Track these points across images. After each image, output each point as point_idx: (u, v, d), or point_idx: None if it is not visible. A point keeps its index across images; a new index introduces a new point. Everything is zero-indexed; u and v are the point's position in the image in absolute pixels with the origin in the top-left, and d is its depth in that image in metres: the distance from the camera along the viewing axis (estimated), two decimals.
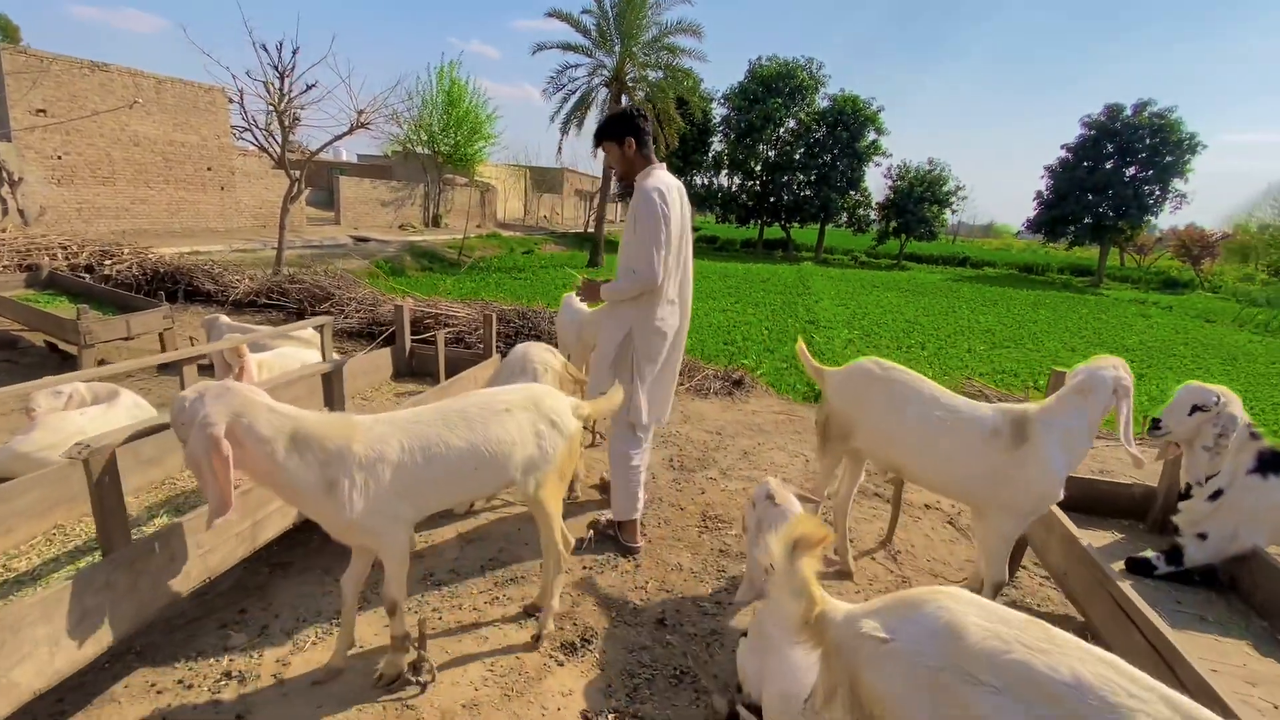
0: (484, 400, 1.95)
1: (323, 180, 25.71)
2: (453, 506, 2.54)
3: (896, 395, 2.32)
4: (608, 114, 2.74)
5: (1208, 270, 32.22)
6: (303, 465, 1.65)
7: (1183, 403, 2.39)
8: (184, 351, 2.68)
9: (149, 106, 15.36)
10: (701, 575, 2.54)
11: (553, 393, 2.12)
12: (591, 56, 18.96)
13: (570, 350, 3.96)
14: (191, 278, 6.52)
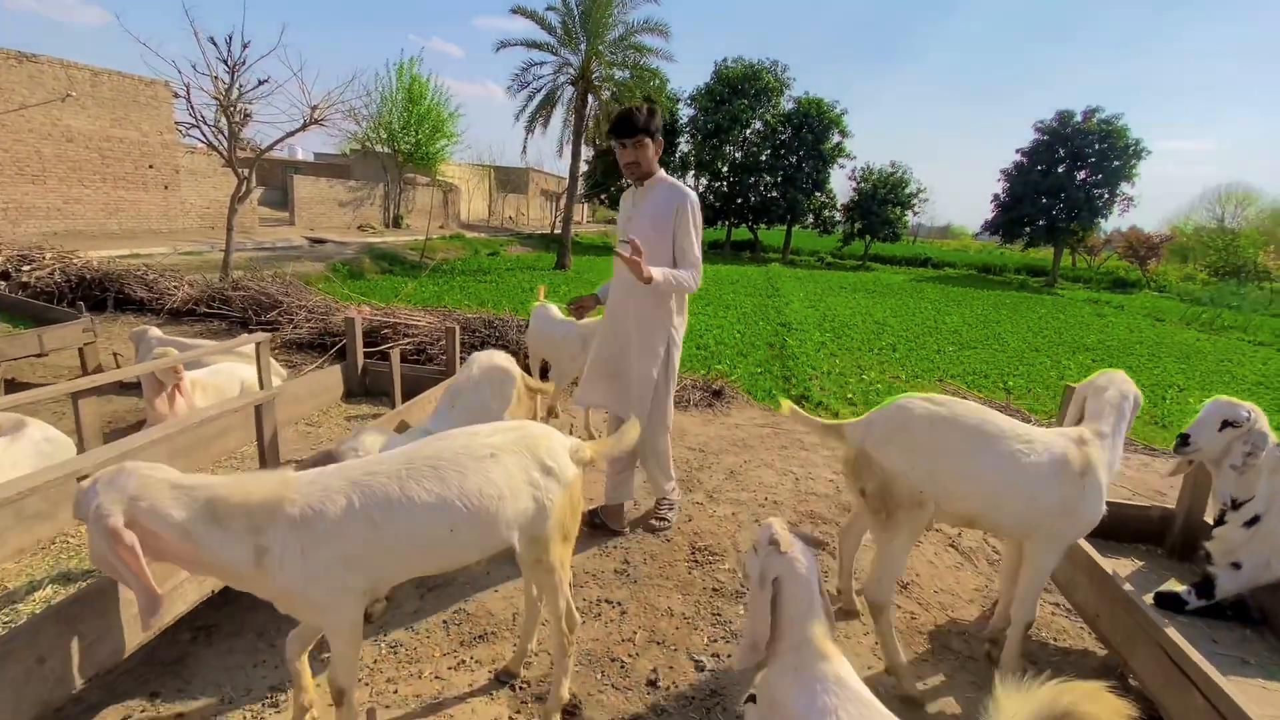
0: (462, 444, 1.63)
1: (277, 179, 24.73)
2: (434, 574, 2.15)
3: (971, 434, 1.96)
4: (629, 109, 2.57)
5: (1153, 270, 33.50)
6: (226, 539, 1.34)
7: (1212, 418, 2.22)
8: (105, 375, 2.30)
9: (84, 100, 14.43)
10: (695, 621, 2.27)
11: (549, 432, 1.79)
12: (557, 54, 18.60)
13: (561, 363, 3.70)
14: (122, 284, 5.97)
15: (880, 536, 2.04)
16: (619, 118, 2.58)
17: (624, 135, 2.56)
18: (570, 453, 1.78)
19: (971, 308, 18.32)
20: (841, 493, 3.39)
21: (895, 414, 2.04)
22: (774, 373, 8.64)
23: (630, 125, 2.54)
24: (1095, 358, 11.91)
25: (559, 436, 1.80)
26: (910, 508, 1.96)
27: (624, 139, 2.56)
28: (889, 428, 2.02)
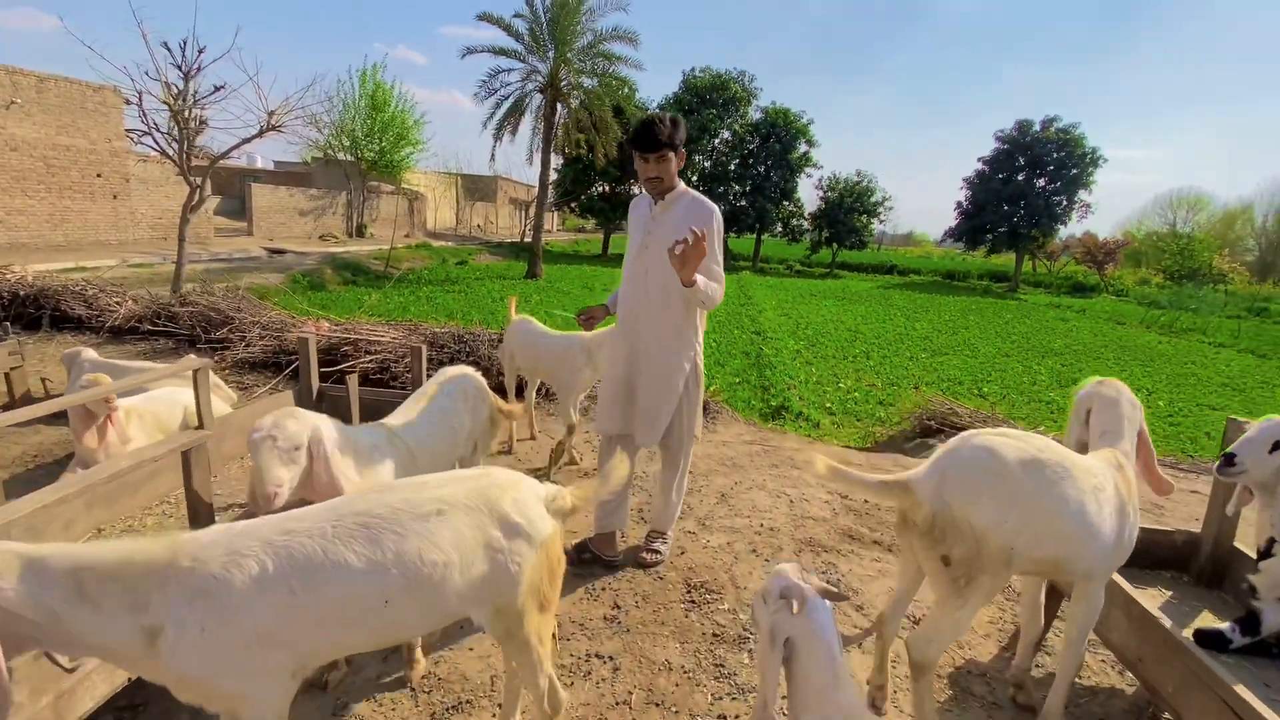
0: (403, 498, 1.36)
1: (235, 189, 23.91)
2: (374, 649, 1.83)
3: (1057, 471, 1.69)
4: (652, 119, 2.42)
5: (1110, 275, 34.57)
6: (100, 621, 1.07)
7: (1264, 438, 2.03)
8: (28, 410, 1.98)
9: (28, 107, 13.68)
10: (696, 675, 2.04)
11: (516, 481, 1.51)
12: (525, 62, 18.35)
13: (563, 378, 3.47)
14: (59, 301, 5.51)
15: (950, 601, 1.69)
16: (641, 129, 2.41)
17: (647, 149, 2.39)
18: (545, 503, 1.51)
19: (940, 314, 18.56)
20: (839, 515, 3.21)
21: (981, 459, 1.69)
22: (752, 382, 8.49)
23: (653, 139, 2.38)
24: (1064, 362, 12.08)
25: (529, 485, 1.53)
26: (997, 569, 1.65)
27: (646, 153, 2.40)
28: (975, 476, 1.67)
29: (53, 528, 1.89)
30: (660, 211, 2.52)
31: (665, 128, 2.38)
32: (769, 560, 2.71)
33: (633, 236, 2.64)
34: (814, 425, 6.39)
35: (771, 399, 7.34)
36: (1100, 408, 2.06)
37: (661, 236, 2.46)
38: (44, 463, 3.16)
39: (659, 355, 2.55)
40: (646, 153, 2.40)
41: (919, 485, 1.70)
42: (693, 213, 2.45)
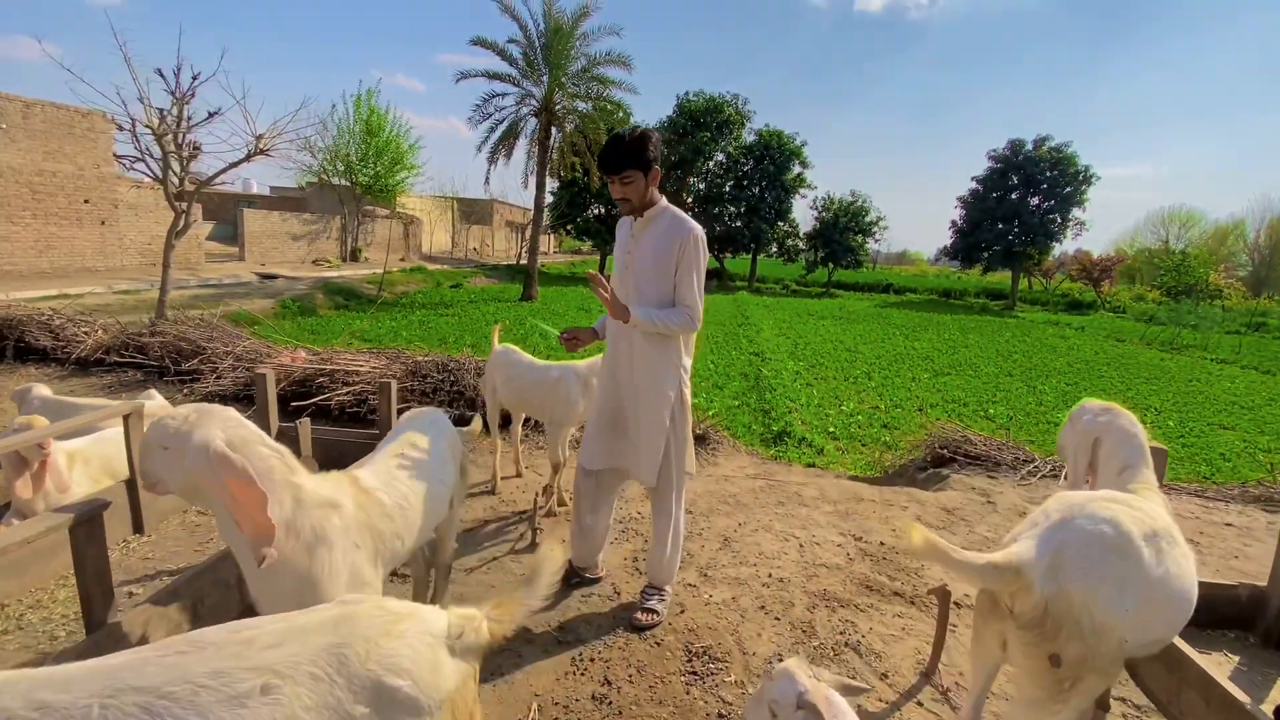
0: (213, 667, 0.92)
1: (228, 214, 23.75)
2: None
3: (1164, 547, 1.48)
4: (616, 136, 2.22)
5: (1107, 292, 34.57)
6: None
7: None
8: None
9: (13, 133, 13.51)
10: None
11: (391, 621, 1.08)
12: (519, 86, 18.36)
13: (556, 410, 3.19)
14: (23, 331, 5.24)
15: (1046, 707, 1.41)
16: (603, 149, 2.23)
17: (609, 170, 2.22)
18: (449, 642, 1.11)
19: (939, 332, 18.40)
20: (854, 562, 2.92)
21: (1105, 535, 1.40)
22: (752, 405, 8.23)
23: (614, 159, 2.20)
24: (1068, 381, 11.87)
25: (413, 624, 1.09)
26: (1108, 666, 1.38)
27: (609, 174, 2.23)
28: (1100, 557, 1.38)
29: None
30: (639, 230, 2.35)
31: (627, 145, 2.18)
32: (779, 619, 2.42)
33: (617, 255, 2.49)
34: (818, 451, 6.12)
35: (773, 423, 7.07)
36: (1118, 439, 1.91)
37: (641, 257, 2.33)
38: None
39: (647, 383, 2.35)
40: (609, 174, 2.23)
41: (1030, 568, 1.39)
42: (670, 232, 2.29)
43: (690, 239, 2.26)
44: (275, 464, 1.41)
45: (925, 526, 1.42)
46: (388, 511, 1.64)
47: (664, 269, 2.28)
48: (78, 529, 1.36)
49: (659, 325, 2.24)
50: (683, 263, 2.27)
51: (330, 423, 4.43)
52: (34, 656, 1.60)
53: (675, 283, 2.29)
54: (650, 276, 2.31)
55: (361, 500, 1.58)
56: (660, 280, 2.30)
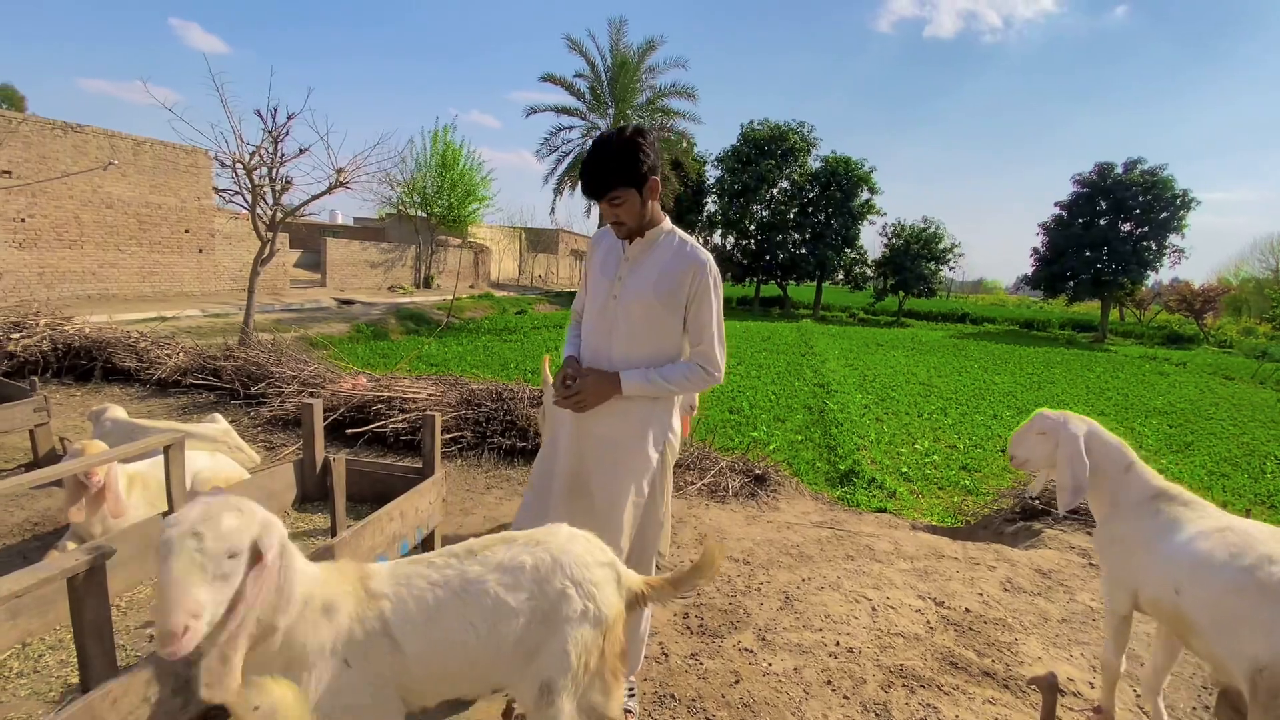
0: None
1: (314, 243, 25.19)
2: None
3: None
4: (603, 140, 1.73)
5: (1210, 325, 31.85)
6: None
7: None
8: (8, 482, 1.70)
9: (125, 168, 14.80)
10: None
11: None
12: (585, 119, 18.80)
13: None
14: (111, 352, 5.55)
15: None
16: (584, 164, 1.77)
17: (591, 194, 1.77)
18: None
19: (1020, 366, 17.26)
20: (935, 632, 2.58)
21: None
22: (816, 441, 7.82)
23: (596, 180, 1.73)
24: (1171, 423, 10.79)
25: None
26: None
27: (592, 198, 1.79)
28: None
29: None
30: (637, 252, 1.86)
31: (613, 158, 1.70)
32: (848, 698, 2.13)
33: (597, 278, 1.93)
34: (889, 494, 5.69)
35: (839, 462, 6.67)
36: (1104, 441, 2.03)
37: (635, 284, 1.84)
38: (42, 532, 2.94)
39: (625, 440, 1.85)
40: (592, 198, 1.78)
41: None
42: (679, 260, 1.83)
43: (707, 269, 1.83)
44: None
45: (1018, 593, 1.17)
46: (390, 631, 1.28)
47: (669, 306, 1.82)
48: (76, 580, 1.27)
49: (664, 389, 1.82)
50: (697, 300, 1.83)
51: (386, 450, 4.42)
52: (41, 706, 1.53)
53: (688, 327, 1.86)
54: (648, 315, 1.83)
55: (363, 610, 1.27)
56: (662, 321, 1.84)
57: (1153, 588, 1.81)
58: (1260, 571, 1.54)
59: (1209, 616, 1.61)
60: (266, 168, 9.47)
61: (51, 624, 1.82)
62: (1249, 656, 1.50)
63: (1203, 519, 1.82)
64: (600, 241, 1.98)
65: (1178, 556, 1.74)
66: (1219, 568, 1.63)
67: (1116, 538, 1.95)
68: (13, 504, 3.15)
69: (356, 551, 1.90)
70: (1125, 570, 1.91)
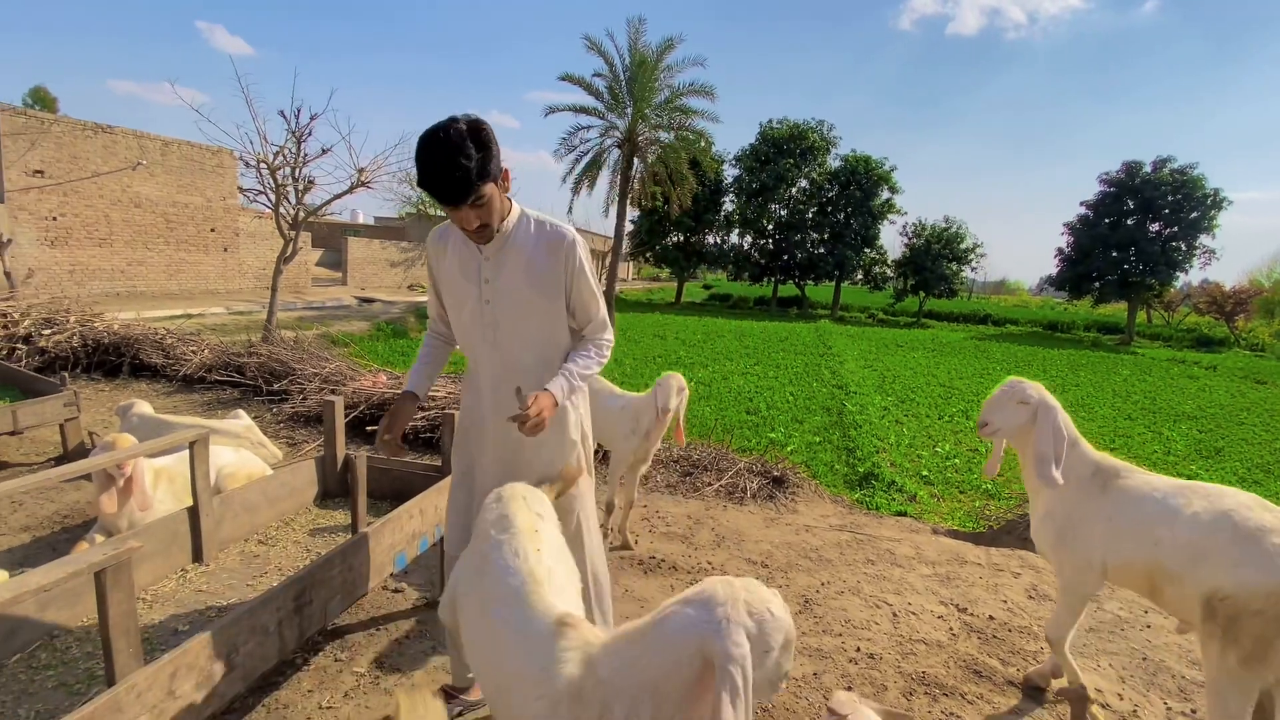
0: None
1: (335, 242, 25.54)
2: None
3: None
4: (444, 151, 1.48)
5: (1242, 327, 31.05)
6: None
7: None
8: (38, 475, 1.73)
9: (153, 168, 15.11)
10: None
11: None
12: (603, 118, 18.78)
13: (617, 444, 3.10)
14: (138, 349, 5.66)
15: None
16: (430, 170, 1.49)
17: (454, 202, 1.52)
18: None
19: (1044, 369, 16.96)
20: (958, 639, 2.53)
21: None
22: (835, 442, 7.74)
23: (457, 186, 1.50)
24: (1200, 428, 10.53)
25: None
26: None
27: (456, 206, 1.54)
28: None
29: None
30: (496, 248, 1.69)
31: (474, 158, 1.49)
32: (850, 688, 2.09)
33: (457, 284, 1.75)
34: (909, 498, 5.62)
35: (858, 464, 6.59)
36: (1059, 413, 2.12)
37: (509, 286, 1.70)
38: (71, 524, 2.99)
39: (554, 440, 1.79)
40: (456, 205, 1.53)
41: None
42: (542, 242, 1.71)
43: (576, 245, 1.72)
44: None
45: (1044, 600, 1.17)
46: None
47: (548, 295, 1.72)
48: (103, 575, 1.29)
49: (583, 382, 1.75)
50: (575, 279, 1.73)
51: (406, 447, 4.45)
52: (68, 698, 1.56)
53: (575, 302, 1.76)
54: (528, 309, 1.72)
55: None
56: (544, 310, 1.74)
57: (1128, 551, 1.92)
58: (1236, 515, 1.73)
59: (1186, 557, 1.78)
60: (290, 167, 9.62)
61: (79, 616, 1.86)
62: (1214, 586, 1.69)
63: (1156, 481, 1.99)
64: (443, 243, 1.78)
65: (1156, 514, 1.88)
66: (1195, 516, 1.80)
67: (1076, 520, 2.02)
68: (43, 497, 3.21)
69: (377, 547, 1.91)
70: (1094, 547, 1.98)
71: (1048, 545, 2.13)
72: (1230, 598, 1.64)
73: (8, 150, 12.10)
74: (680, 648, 1.07)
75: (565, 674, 1.11)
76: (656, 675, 1.08)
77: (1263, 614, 1.58)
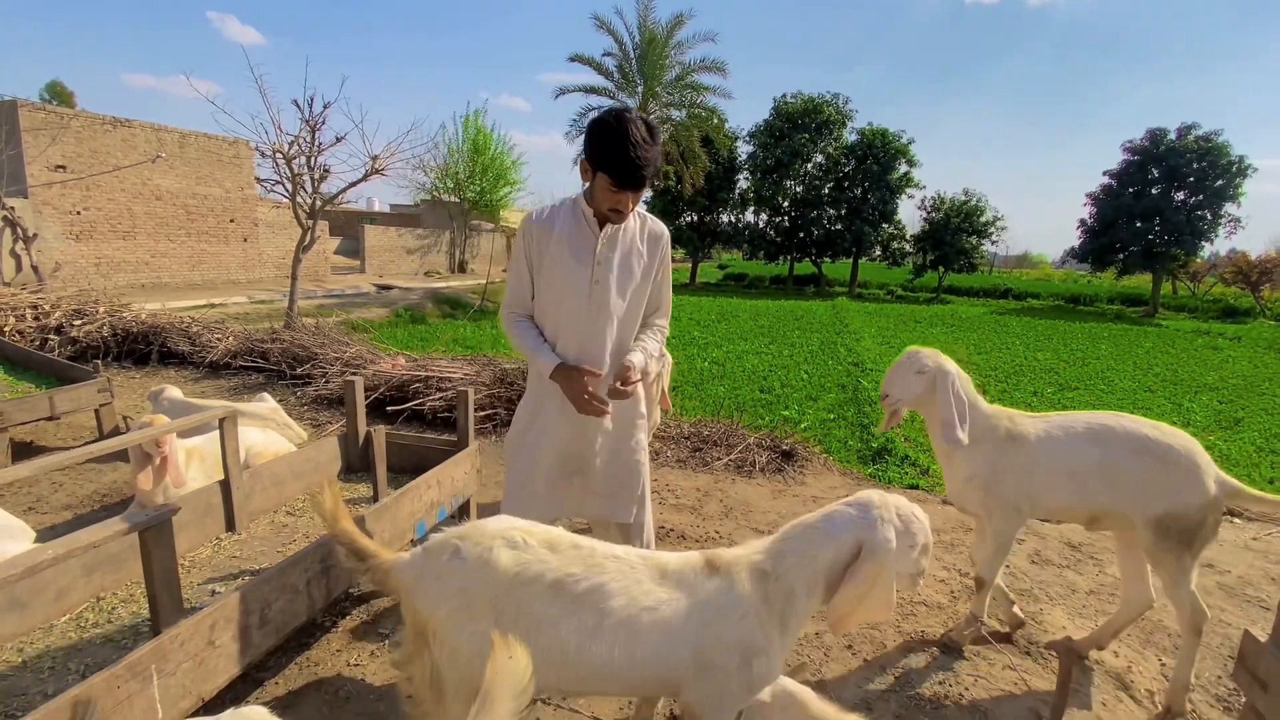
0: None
1: (352, 230, 25.84)
2: None
3: None
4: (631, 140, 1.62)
5: (1267, 297, 30.24)
6: None
7: None
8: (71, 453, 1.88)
9: (172, 160, 15.36)
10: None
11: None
12: (614, 98, 18.66)
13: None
14: (166, 337, 5.87)
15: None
16: (625, 161, 1.63)
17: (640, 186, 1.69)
18: None
19: (1065, 342, 16.74)
20: (958, 600, 2.61)
21: None
22: (849, 419, 7.77)
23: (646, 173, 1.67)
24: (1221, 399, 10.38)
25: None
26: None
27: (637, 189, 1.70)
28: None
29: (41, 598, 1.74)
30: (610, 234, 1.81)
31: (652, 151, 1.66)
32: (868, 661, 2.19)
33: (567, 267, 1.82)
34: (922, 472, 5.65)
35: (871, 440, 6.64)
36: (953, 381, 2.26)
37: (621, 266, 1.83)
38: (110, 503, 3.16)
39: (624, 415, 1.94)
40: (638, 189, 1.70)
41: None
42: (648, 233, 1.88)
43: (669, 238, 1.94)
44: None
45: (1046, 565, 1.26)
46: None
47: (644, 278, 1.88)
48: (148, 534, 1.42)
49: (655, 358, 1.93)
50: (663, 268, 1.93)
51: (424, 426, 4.60)
52: (115, 653, 1.70)
53: (652, 295, 1.92)
54: (630, 294, 1.86)
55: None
56: (639, 293, 1.88)
57: (1061, 491, 2.11)
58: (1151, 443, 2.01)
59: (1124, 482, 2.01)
60: (305, 157, 9.75)
61: (124, 580, 2.00)
62: (1163, 511, 1.96)
63: (1061, 419, 2.22)
64: (548, 225, 1.83)
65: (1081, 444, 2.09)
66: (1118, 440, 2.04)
67: (998, 473, 2.17)
68: (82, 477, 3.39)
69: (398, 515, 2.02)
70: (1025, 491, 2.15)
71: (974, 504, 2.24)
72: (1181, 517, 1.94)
73: (29, 146, 12.38)
74: (842, 540, 1.36)
75: (744, 589, 1.33)
76: (826, 562, 1.36)
77: (1203, 521, 1.94)
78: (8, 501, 2.97)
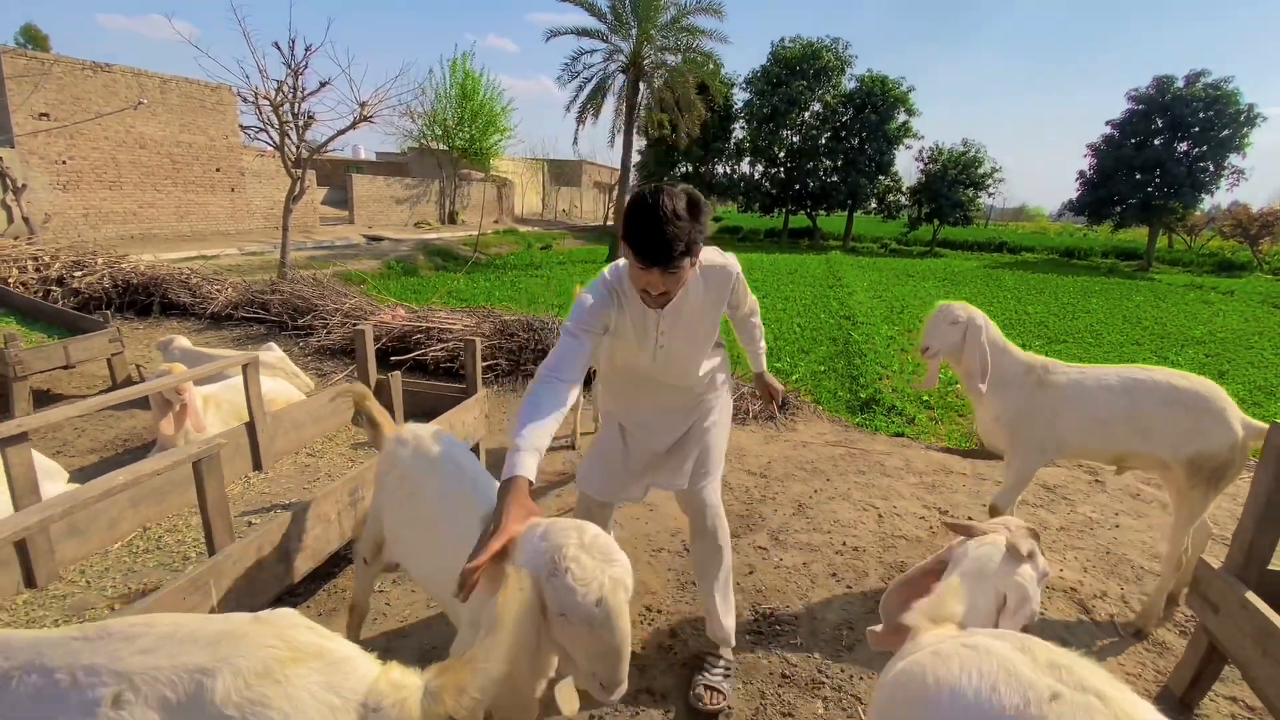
0: (100, 657, 0.83)
1: (339, 179, 25.35)
2: None
3: None
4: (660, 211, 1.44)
5: (1266, 251, 30.33)
6: None
7: None
8: (101, 398, 2.00)
9: (154, 107, 14.95)
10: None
11: (302, 655, 0.89)
12: (607, 41, 18.15)
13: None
14: (166, 289, 5.91)
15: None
16: (646, 229, 1.44)
17: (659, 263, 1.46)
18: (361, 712, 0.85)
19: (1056, 296, 16.91)
20: (937, 535, 2.81)
21: None
22: (839, 371, 7.95)
23: (667, 247, 1.44)
24: (1208, 352, 10.61)
25: (326, 668, 0.88)
26: None
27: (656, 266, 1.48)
28: None
29: (96, 526, 1.89)
30: (674, 307, 1.66)
31: (683, 227, 1.45)
32: (850, 589, 2.38)
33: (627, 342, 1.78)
34: (908, 420, 5.86)
35: (861, 390, 6.82)
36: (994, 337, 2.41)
37: (684, 330, 1.76)
38: (132, 447, 3.30)
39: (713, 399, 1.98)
40: (657, 266, 1.47)
41: None
42: (711, 286, 1.74)
43: (737, 275, 1.81)
44: None
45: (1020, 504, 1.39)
46: None
47: (716, 314, 1.83)
48: (200, 465, 1.55)
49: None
50: (738, 289, 1.85)
51: (426, 376, 4.72)
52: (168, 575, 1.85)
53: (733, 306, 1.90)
54: (700, 340, 1.81)
55: None
56: (711, 327, 1.84)
57: (1091, 435, 2.28)
58: (1179, 392, 2.18)
59: (1156, 429, 2.18)
60: (289, 103, 9.51)
61: (166, 511, 2.15)
62: (1196, 451, 2.14)
63: (1097, 370, 2.34)
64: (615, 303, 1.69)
65: (1111, 394, 2.25)
66: (1148, 391, 2.21)
67: (1025, 415, 2.32)
68: (103, 424, 3.52)
69: None
70: (1051, 434, 2.31)
71: (1001, 441, 2.42)
72: (1213, 457, 2.13)
73: (13, 94, 12.03)
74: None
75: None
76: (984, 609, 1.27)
77: (1231, 461, 2.13)
78: (36, 446, 3.11)
